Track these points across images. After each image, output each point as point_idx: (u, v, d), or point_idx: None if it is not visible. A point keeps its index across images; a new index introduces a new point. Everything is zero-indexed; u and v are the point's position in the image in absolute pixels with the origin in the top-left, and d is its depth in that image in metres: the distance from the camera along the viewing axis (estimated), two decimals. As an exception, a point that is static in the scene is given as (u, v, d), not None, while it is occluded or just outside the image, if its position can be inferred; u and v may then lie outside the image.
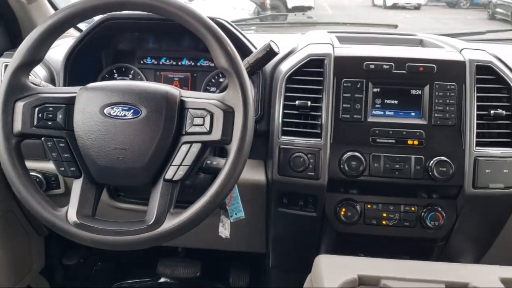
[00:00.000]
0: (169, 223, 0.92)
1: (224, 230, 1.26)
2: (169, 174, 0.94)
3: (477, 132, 1.17)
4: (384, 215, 1.24)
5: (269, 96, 1.29)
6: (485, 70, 1.19)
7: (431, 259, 1.29)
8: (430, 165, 1.17)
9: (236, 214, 1.21)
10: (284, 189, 1.25)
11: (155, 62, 1.42)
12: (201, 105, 0.94)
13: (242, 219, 1.21)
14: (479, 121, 1.17)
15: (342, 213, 1.23)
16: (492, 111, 1.17)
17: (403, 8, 17.06)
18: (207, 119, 0.93)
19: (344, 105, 1.20)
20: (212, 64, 1.37)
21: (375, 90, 1.21)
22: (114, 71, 1.42)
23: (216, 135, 0.93)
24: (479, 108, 1.18)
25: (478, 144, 1.17)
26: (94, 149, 0.94)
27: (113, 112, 0.93)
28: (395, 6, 16.95)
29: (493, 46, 1.43)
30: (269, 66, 1.29)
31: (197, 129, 0.94)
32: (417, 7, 17.35)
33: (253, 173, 1.30)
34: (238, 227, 1.26)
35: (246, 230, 1.41)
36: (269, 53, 1.11)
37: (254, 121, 0.99)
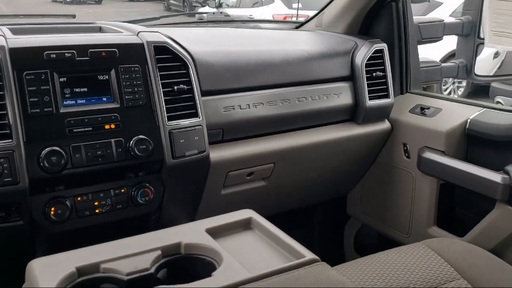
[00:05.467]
0: None
1: None
2: None
3: (166, 108, 1.27)
4: (96, 203, 1.23)
5: None
6: (162, 50, 1.29)
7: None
8: (130, 145, 1.21)
9: None
10: (-24, 204, 1.10)
11: None
12: None
13: None
14: (166, 98, 1.27)
15: (52, 213, 1.17)
16: (175, 87, 1.28)
17: (84, 3, 16.83)
18: None
19: (31, 99, 1.12)
20: None
21: (61, 80, 1.17)
22: None
23: None
24: (164, 85, 1.27)
25: (170, 118, 1.27)
26: None
27: None
28: (75, 1, 16.54)
29: (167, 29, 1.56)
30: None
31: None
32: (98, 2, 17.36)
33: None
34: None
35: None
36: None
37: None
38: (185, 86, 1.30)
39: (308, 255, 0.90)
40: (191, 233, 0.97)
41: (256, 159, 1.49)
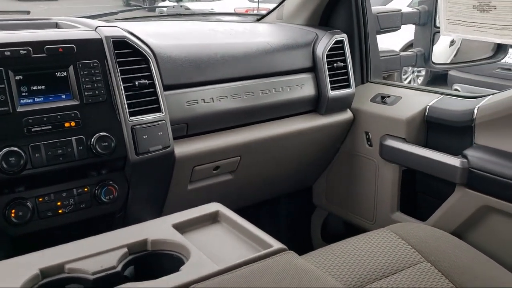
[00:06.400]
0: None
1: None
2: None
3: (128, 104, 1.25)
4: (59, 204, 1.20)
5: None
6: (121, 45, 1.26)
7: None
8: (92, 143, 1.18)
9: None
10: None
11: None
12: None
13: None
14: (127, 93, 1.25)
15: (13, 215, 1.13)
16: (136, 82, 1.26)
17: (39, -1, 16.29)
18: None
19: None
20: None
21: (17, 78, 1.13)
22: None
23: None
24: (124, 81, 1.25)
25: (132, 114, 1.25)
26: None
27: None
28: (30, -3, 16.00)
29: (126, 23, 1.53)
30: None
31: None
32: (54, -2, 16.83)
33: None
34: None
35: None
36: None
37: None
38: (146, 81, 1.28)
39: (276, 244, 0.91)
40: (157, 229, 0.96)
41: (222, 152, 1.49)
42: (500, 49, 2.03)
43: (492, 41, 1.89)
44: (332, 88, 1.66)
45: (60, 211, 1.21)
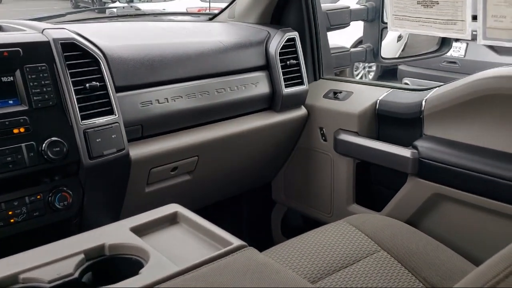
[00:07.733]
0: None
1: None
2: None
3: (79, 107, 1.22)
4: (10, 213, 1.16)
5: None
6: (70, 47, 1.23)
7: None
8: (43, 148, 1.15)
9: None
10: None
11: None
12: None
13: None
14: (78, 96, 1.22)
15: (-39, 227, 1.09)
16: (87, 85, 1.24)
17: (-19, 2, 15.64)
18: None
19: None
20: None
21: None
22: None
23: None
24: (74, 84, 1.22)
25: (83, 117, 1.22)
26: None
27: None
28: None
29: (75, 25, 1.49)
30: None
31: None
32: (-1, 1, 16.21)
33: None
34: None
35: None
36: None
37: None
38: (97, 83, 1.25)
39: (236, 242, 0.91)
40: (115, 233, 0.94)
41: (179, 153, 1.48)
42: (445, 42, 2.11)
43: (437, 35, 1.96)
44: (286, 86, 1.68)
45: (12, 220, 1.17)
